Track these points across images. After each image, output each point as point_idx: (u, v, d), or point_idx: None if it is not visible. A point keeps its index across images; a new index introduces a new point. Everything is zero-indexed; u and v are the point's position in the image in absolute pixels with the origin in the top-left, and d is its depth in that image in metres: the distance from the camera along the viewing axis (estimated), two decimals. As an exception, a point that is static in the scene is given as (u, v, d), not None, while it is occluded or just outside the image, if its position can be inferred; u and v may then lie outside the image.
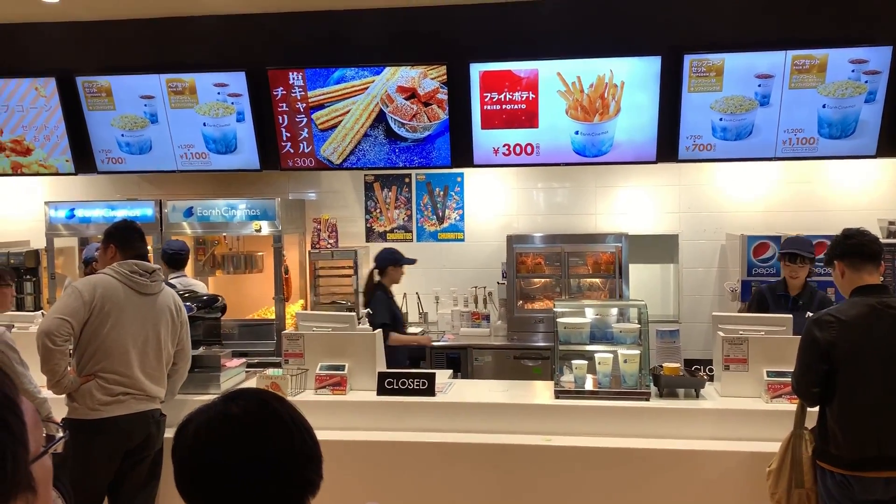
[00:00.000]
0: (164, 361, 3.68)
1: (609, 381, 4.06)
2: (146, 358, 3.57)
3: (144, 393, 3.55)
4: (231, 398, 1.31)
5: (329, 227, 6.39)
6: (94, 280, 3.56)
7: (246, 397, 1.32)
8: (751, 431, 3.79)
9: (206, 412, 1.29)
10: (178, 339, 3.76)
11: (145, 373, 3.56)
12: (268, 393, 1.37)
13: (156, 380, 3.62)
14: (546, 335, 5.90)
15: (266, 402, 1.31)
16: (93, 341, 3.45)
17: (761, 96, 4.88)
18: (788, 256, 4.53)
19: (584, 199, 6.33)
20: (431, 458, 3.90)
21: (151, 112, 5.62)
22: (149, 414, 3.58)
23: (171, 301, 3.74)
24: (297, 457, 1.27)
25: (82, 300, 3.42)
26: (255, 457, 1.23)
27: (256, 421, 1.27)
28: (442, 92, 5.16)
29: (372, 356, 4.28)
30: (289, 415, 1.30)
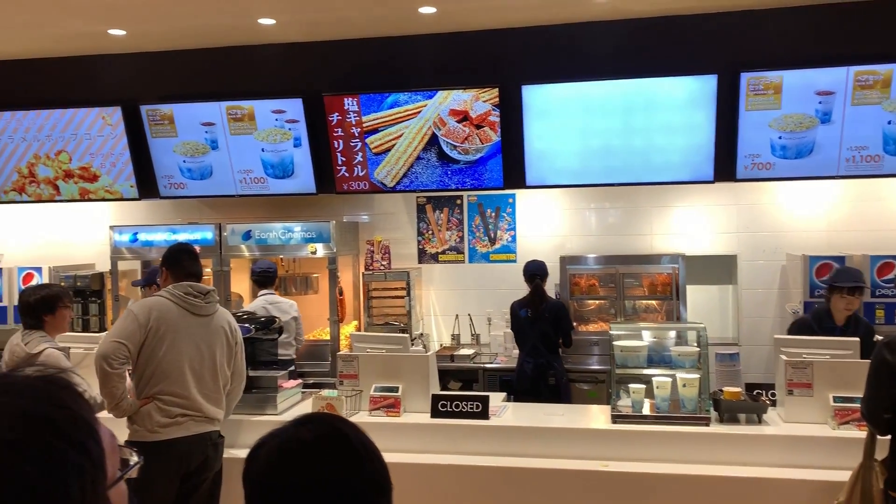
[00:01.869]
0: (222, 382, 3.68)
1: (667, 405, 3.98)
2: (203, 379, 3.58)
3: (203, 414, 3.56)
4: (303, 422, 1.32)
5: (382, 248, 6.45)
6: (149, 303, 3.61)
7: (318, 422, 1.33)
8: (817, 459, 3.65)
9: (278, 436, 1.30)
10: (233, 359, 3.77)
11: (203, 394, 3.57)
12: (340, 419, 1.37)
13: (214, 401, 3.62)
14: (600, 358, 5.82)
15: (338, 428, 1.31)
16: (150, 363, 3.48)
17: (822, 113, 4.75)
18: (848, 290, 4.36)
19: (639, 220, 6.24)
20: (486, 481, 3.87)
21: (212, 138, 5.79)
22: (207, 436, 3.58)
23: (226, 322, 3.75)
24: (369, 484, 1.28)
25: (138, 323, 3.45)
26: (327, 482, 1.24)
27: (329, 446, 1.28)
28: (494, 114, 5.18)
29: (425, 378, 4.29)
30: (360, 441, 1.30)
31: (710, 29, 5.09)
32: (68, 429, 0.80)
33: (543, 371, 5.44)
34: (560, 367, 5.52)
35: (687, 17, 5.11)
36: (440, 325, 6.57)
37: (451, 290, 6.56)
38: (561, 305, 5.62)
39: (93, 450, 0.82)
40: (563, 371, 5.52)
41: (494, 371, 5.89)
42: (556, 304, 5.59)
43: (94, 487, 0.82)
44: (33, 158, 6.32)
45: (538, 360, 5.45)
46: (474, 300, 6.46)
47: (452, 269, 6.60)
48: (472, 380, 5.91)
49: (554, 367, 5.47)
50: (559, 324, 5.50)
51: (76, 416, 0.83)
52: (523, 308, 5.54)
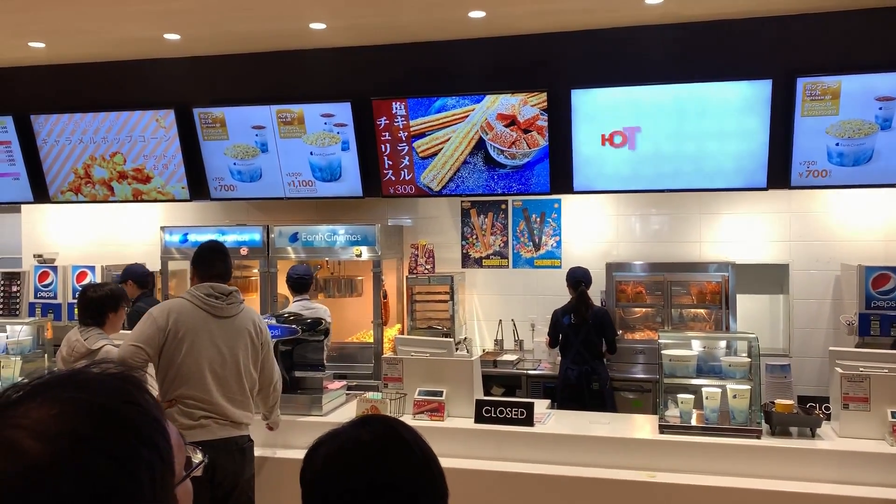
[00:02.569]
0: (248, 386, 3.57)
1: (717, 416, 3.90)
2: (226, 382, 3.48)
3: (227, 419, 3.46)
4: (362, 424, 1.33)
5: (426, 252, 6.46)
6: (168, 305, 3.57)
7: (377, 423, 1.33)
8: (873, 476, 3.54)
9: (336, 437, 1.30)
10: (259, 361, 3.66)
11: (227, 397, 3.47)
12: (398, 421, 1.37)
13: (240, 404, 3.52)
14: (646, 367, 5.73)
15: (397, 430, 1.31)
16: (171, 367, 3.40)
17: (882, 119, 4.61)
18: None
19: (688, 227, 6.14)
20: (530, 489, 3.84)
21: (262, 141, 5.88)
22: (233, 441, 3.48)
23: (251, 323, 3.65)
24: (425, 488, 1.27)
25: (157, 326, 3.39)
26: (385, 485, 1.24)
27: (388, 449, 1.27)
28: (542, 118, 5.15)
29: (469, 383, 4.27)
30: (419, 446, 1.30)
31: (765, 33, 4.99)
32: (141, 425, 0.81)
33: (587, 378, 5.39)
34: (605, 373, 5.46)
35: (741, 21, 5.01)
36: (483, 330, 6.56)
37: (494, 295, 6.54)
38: (605, 312, 5.56)
39: (162, 447, 0.83)
40: (607, 377, 5.46)
41: (538, 377, 5.86)
42: (601, 310, 5.54)
43: (164, 484, 0.83)
44: (89, 160, 6.49)
45: (582, 366, 5.40)
46: (518, 305, 6.43)
47: (496, 274, 6.58)
48: (515, 386, 5.88)
49: (598, 373, 5.41)
50: (604, 331, 5.45)
51: (147, 414, 0.84)
52: (567, 315, 5.50)
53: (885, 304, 5.25)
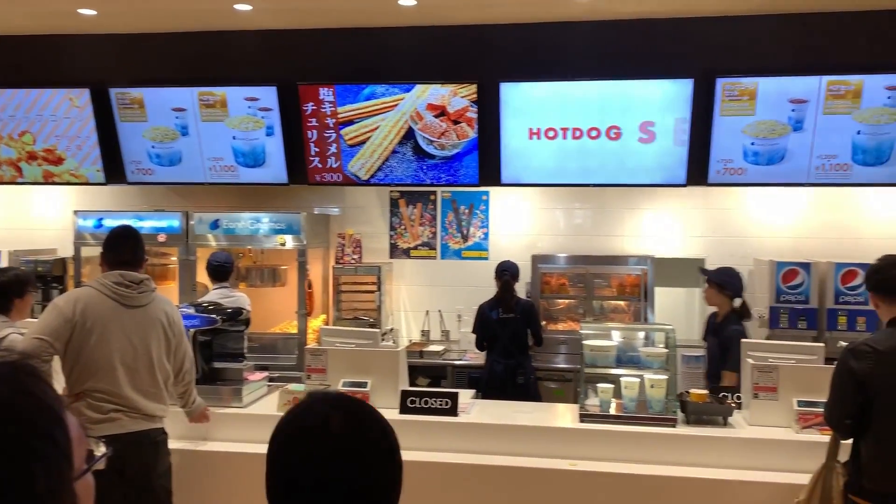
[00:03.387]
0: (161, 377, 3.44)
1: (635, 405, 4.00)
2: (137, 374, 3.34)
3: (139, 411, 3.32)
4: (330, 406, 1.26)
5: (353, 242, 6.39)
6: (75, 294, 3.38)
7: (350, 406, 1.28)
8: (780, 462, 3.70)
9: (300, 421, 1.26)
10: (174, 351, 3.52)
11: (138, 390, 3.33)
12: (365, 406, 1.32)
13: (153, 397, 3.38)
14: (568, 357, 5.85)
15: (365, 424, 1.28)
16: (78, 359, 3.23)
17: (795, 121, 4.82)
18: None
19: (610, 221, 6.28)
20: (453, 478, 3.85)
21: (182, 124, 5.68)
22: (145, 434, 3.35)
23: (164, 313, 3.49)
24: (388, 485, 1.27)
25: (63, 317, 3.21)
26: (348, 478, 1.21)
27: (357, 444, 1.24)
28: (472, 110, 5.16)
29: (395, 374, 4.26)
30: (386, 439, 1.28)
31: (688, 33, 5.13)
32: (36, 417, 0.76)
33: (513, 371, 5.44)
34: (529, 366, 5.53)
35: (666, 21, 5.14)
36: (410, 320, 6.55)
37: (422, 286, 6.54)
38: (531, 305, 5.62)
39: (60, 439, 0.79)
40: (532, 371, 5.53)
41: (463, 368, 5.89)
42: (527, 303, 5.60)
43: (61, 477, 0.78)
44: (-5, 138, 6.14)
45: (509, 360, 5.45)
46: (445, 296, 6.44)
47: (424, 265, 6.58)
48: (440, 376, 5.90)
49: (524, 367, 5.47)
50: (530, 323, 5.51)
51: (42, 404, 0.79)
52: (494, 309, 5.52)
53: (794, 297, 5.50)
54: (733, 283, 4.83)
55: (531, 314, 5.52)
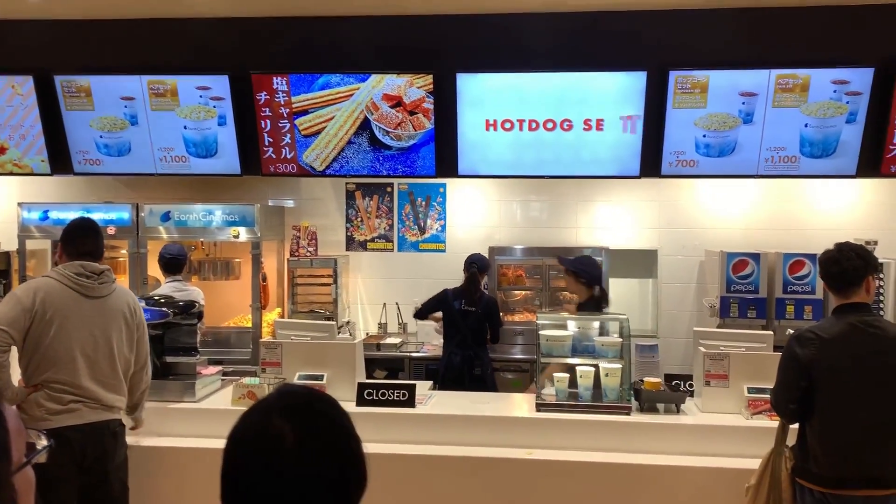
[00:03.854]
0: (122, 368, 3.45)
1: (590, 394, 4.05)
2: (97, 365, 3.35)
3: (99, 402, 3.34)
4: (281, 417, 1.21)
5: (308, 234, 6.32)
6: (34, 284, 3.35)
7: (301, 415, 1.23)
8: (731, 448, 3.79)
9: (251, 437, 1.21)
10: (134, 343, 3.53)
11: (97, 381, 3.34)
12: (317, 406, 1.27)
13: (111, 388, 3.40)
14: (525, 347, 5.89)
15: (322, 428, 1.23)
16: (37, 350, 3.24)
17: (745, 114, 4.91)
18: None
19: (566, 213, 6.34)
20: (411, 470, 3.85)
21: (131, 114, 5.53)
22: (104, 425, 3.36)
23: (125, 304, 3.50)
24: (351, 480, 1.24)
25: (22, 307, 3.21)
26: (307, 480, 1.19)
27: (312, 450, 1.20)
28: (428, 101, 5.13)
29: (351, 366, 4.23)
30: (344, 435, 1.24)
31: (641, 26, 5.18)
32: None
33: (471, 363, 5.46)
34: (487, 359, 5.55)
35: (621, 14, 5.18)
36: (367, 313, 6.51)
37: (379, 279, 6.50)
38: (494, 302, 5.64)
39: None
40: (489, 363, 5.56)
41: (421, 360, 5.89)
42: (490, 299, 5.61)
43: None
44: (-68, 127, 5.89)
45: (466, 351, 5.46)
46: (402, 289, 6.42)
47: (381, 258, 6.55)
48: (398, 368, 5.89)
49: (481, 358, 5.49)
50: (490, 320, 5.52)
51: (-24, 395, 0.75)
52: (457, 299, 5.51)
53: (744, 287, 5.62)
54: (588, 272, 4.99)
55: (492, 311, 5.53)
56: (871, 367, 3.06)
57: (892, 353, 3.08)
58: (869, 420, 3.05)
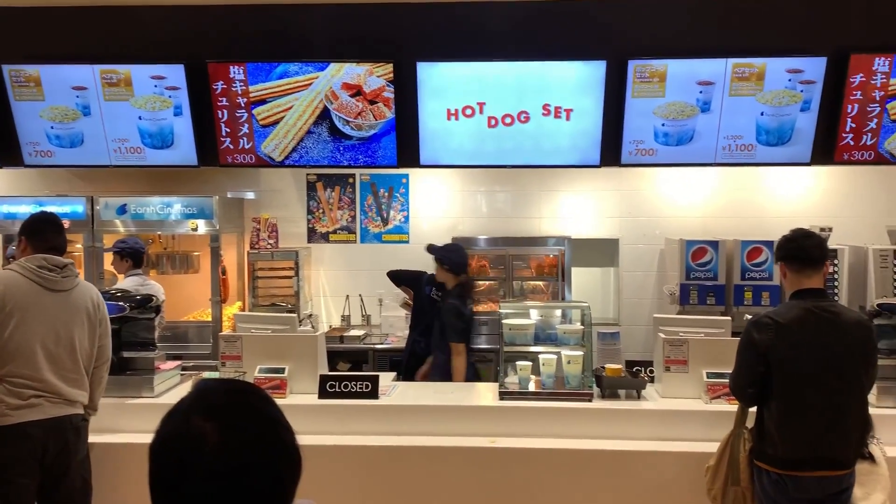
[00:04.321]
0: (84, 363, 3.44)
1: (553, 382, 4.07)
2: (59, 360, 3.33)
3: (60, 397, 3.32)
4: (205, 412, 1.18)
5: (269, 227, 6.24)
6: None
7: (221, 411, 1.19)
8: (690, 432, 3.84)
9: (173, 429, 1.18)
10: (96, 339, 3.51)
11: (59, 375, 3.32)
12: (242, 400, 1.23)
13: (73, 382, 3.38)
14: (490, 337, 5.89)
15: (244, 419, 1.20)
16: None
17: (702, 103, 4.97)
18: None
19: (528, 203, 6.36)
20: (375, 461, 3.83)
21: (84, 104, 5.39)
22: (67, 419, 3.34)
23: (88, 298, 3.50)
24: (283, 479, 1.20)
25: None
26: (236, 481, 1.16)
27: (232, 454, 1.16)
28: (388, 90, 5.08)
29: (313, 359, 4.20)
30: (268, 425, 1.21)
31: (601, 15, 5.20)
32: None
33: None
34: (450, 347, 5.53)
35: (580, 3, 5.19)
36: (330, 305, 6.46)
37: (341, 271, 6.45)
38: (456, 308, 5.53)
39: None
40: None
41: (385, 351, 5.87)
42: (452, 306, 5.54)
43: None
44: None
45: (430, 338, 5.44)
46: (366, 281, 6.38)
47: (343, 249, 6.50)
48: (362, 360, 5.86)
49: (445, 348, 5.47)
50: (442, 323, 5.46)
51: None
52: (430, 285, 5.47)
53: (703, 275, 5.70)
54: (450, 259, 5.05)
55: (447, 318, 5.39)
56: (825, 351, 3.12)
57: (846, 337, 3.14)
58: (823, 403, 3.11)
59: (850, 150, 5.01)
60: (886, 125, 4.95)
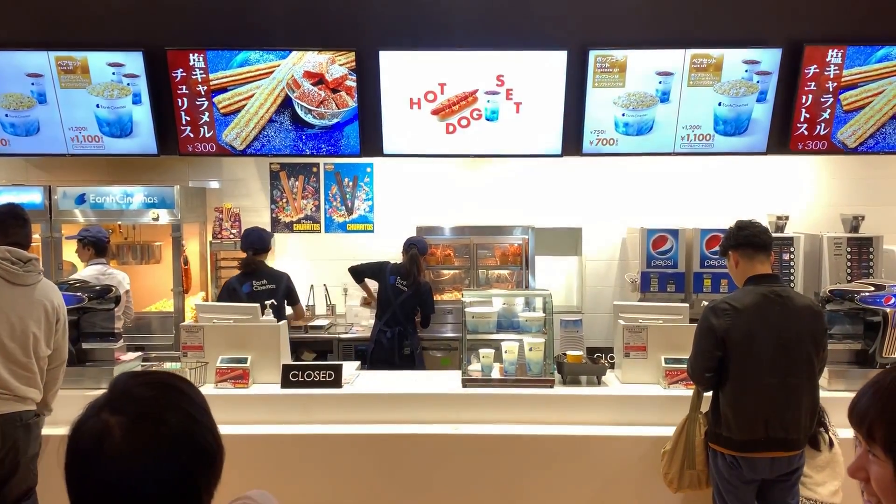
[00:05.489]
0: (37, 361, 3.37)
1: (515, 369, 4.11)
2: (11, 355, 3.28)
3: (10, 392, 3.27)
4: (113, 407, 1.17)
5: (232, 216, 6.19)
6: None
7: (129, 404, 1.18)
8: (649, 416, 3.91)
9: (82, 427, 1.17)
10: (52, 339, 3.44)
11: (11, 371, 3.27)
12: (165, 390, 1.23)
13: (25, 380, 3.32)
14: (455, 326, 5.92)
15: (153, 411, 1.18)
16: None
17: (662, 93, 5.03)
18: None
19: (493, 192, 6.38)
20: (338, 450, 3.84)
21: (39, 91, 5.27)
22: (16, 416, 3.29)
23: (48, 298, 3.43)
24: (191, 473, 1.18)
25: None
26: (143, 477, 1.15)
27: (140, 454, 1.15)
28: (351, 79, 5.06)
29: (276, 348, 4.18)
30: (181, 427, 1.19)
31: (562, 5, 5.22)
32: None
33: (400, 341, 5.47)
34: (416, 338, 5.57)
35: (542, -7, 5.21)
36: (295, 295, 6.41)
37: (306, 260, 6.42)
38: (429, 288, 5.64)
39: None
40: (418, 342, 5.58)
41: (350, 341, 5.86)
42: (426, 285, 5.62)
43: None
44: None
45: (395, 328, 5.47)
46: (330, 270, 6.36)
47: (308, 239, 6.46)
48: (327, 350, 5.85)
49: (410, 337, 5.51)
50: (423, 305, 5.54)
51: None
52: (394, 274, 5.51)
53: (663, 262, 5.79)
54: (248, 239, 5.30)
55: (426, 297, 5.54)
56: (778, 334, 3.20)
57: (797, 321, 3.23)
58: (776, 385, 3.19)
59: (805, 139, 5.12)
60: (839, 115, 5.07)
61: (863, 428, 1.20)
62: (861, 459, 1.22)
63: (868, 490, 1.21)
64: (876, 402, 1.20)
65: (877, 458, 1.19)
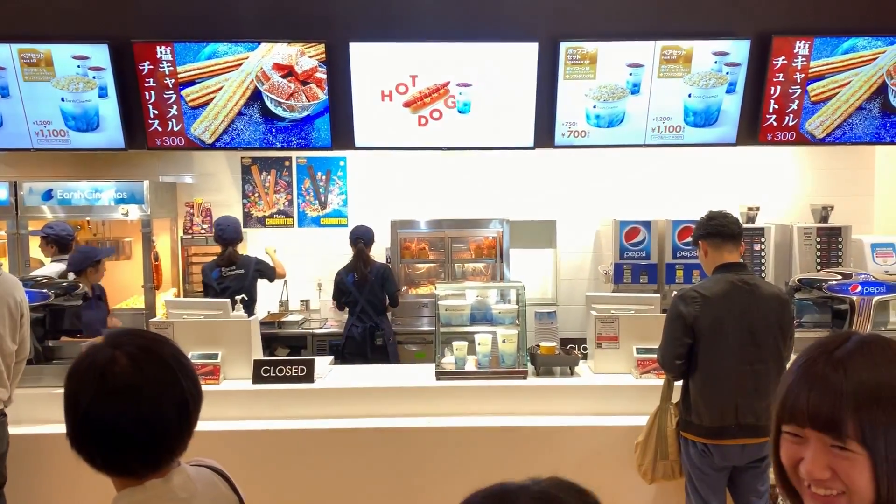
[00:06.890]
0: (4, 357, 3.35)
1: (489, 361, 4.11)
2: None
3: None
4: (114, 343, 1.35)
5: (203, 211, 6.13)
6: None
7: (128, 340, 1.36)
8: (621, 406, 3.94)
9: (85, 359, 1.33)
10: (17, 335, 3.43)
11: None
12: (153, 345, 1.38)
13: None
14: (430, 319, 5.92)
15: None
16: None
17: (632, 85, 5.04)
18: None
19: (467, 185, 6.38)
20: (311, 445, 3.82)
21: (2, 85, 5.14)
22: None
23: (10, 295, 3.41)
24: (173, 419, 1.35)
25: None
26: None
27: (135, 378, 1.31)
28: (321, 71, 5.01)
29: (247, 344, 4.15)
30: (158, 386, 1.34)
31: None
32: None
33: (371, 333, 5.46)
34: (388, 328, 5.56)
35: (512, -15, 5.19)
36: (268, 291, 6.36)
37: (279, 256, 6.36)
38: (386, 268, 5.65)
39: None
40: (391, 332, 5.57)
41: (323, 336, 5.84)
42: (382, 266, 5.62)
43: None
44: None
45: (367, 323, 5.46)
46: (304, 265, 6.32)
47: (281, 234, 6.41)
48: (301, 346, 5.83)
49: (382, 328, 5.50)
50: (385, 286, 5.54)
51: None
52: (350, 273, 5.53)
53: (636, 254, 5.83)
54: (223, 234, 5.42)
55: (385, 277, 5.55)
56: (746, 322, 3.24)
57: (764, 308, 3.27)
58: (745, 372, 3.23)
59: (774, 130, 5.17)
60: (807, 106, 5.12)
61: (822, 422, 1.05)
62: (823, 458, 1.05)
63: (824, 485, 1.06)
64: (829, 393, 1.05)
65: (850, 452, 1.03)
